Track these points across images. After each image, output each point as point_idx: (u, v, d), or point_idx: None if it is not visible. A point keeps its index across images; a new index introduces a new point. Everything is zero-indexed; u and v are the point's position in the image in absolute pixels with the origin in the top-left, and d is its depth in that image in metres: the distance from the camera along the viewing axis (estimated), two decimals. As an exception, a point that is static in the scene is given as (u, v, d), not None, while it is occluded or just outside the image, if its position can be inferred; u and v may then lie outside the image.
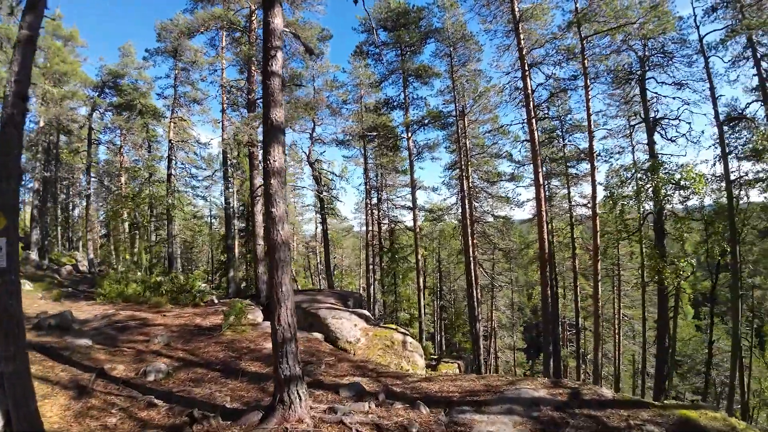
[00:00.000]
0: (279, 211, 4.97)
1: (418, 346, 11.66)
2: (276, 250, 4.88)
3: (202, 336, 10.87)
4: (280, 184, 5.05)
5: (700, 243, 14.88)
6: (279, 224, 4.93)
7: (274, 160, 5.08)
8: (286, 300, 4.93)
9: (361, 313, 12.83)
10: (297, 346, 5.08)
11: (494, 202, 23.81)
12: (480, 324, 22.25)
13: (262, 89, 5.48)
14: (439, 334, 37.98)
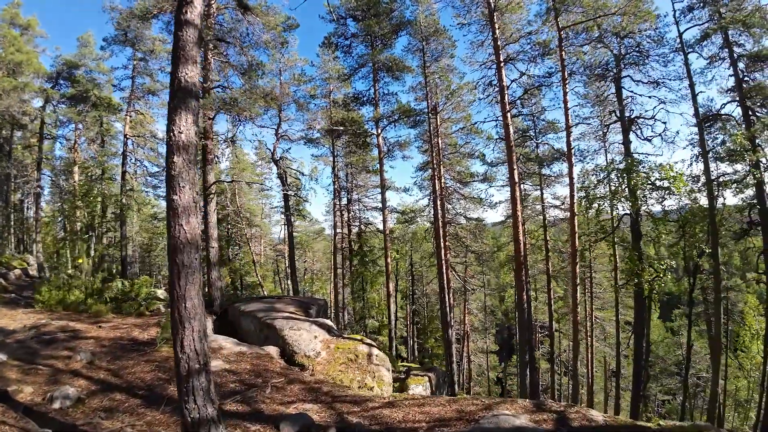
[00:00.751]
0: (184, 199, 3.72)
1: (384, 358, 10.50)
2: (178, 251, 3.63)
3: (134, 352, 9.38)
4: (187, 163, 3.81)
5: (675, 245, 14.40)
6: (183, 217, 3.68)
7: (180, 131, 3.84)
8: (192, 319, 3.69)
9: (323, 323, 11.57)
10: (210, 378, 3.84)
11: (467, 203, 23.08)
12: (452, 330, 21.37)
13: (172, 42, 4.21)
14: (412, 339, 37.03)
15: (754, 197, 14.66)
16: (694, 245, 13.39)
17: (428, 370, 11.85)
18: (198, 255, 3.69)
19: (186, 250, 3.65)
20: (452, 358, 19.40)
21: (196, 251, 3.69)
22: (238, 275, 29.83)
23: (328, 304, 39.20)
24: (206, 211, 15.30)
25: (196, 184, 3.84)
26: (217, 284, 14.90)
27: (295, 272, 20.95)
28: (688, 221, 13.43)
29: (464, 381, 37.87)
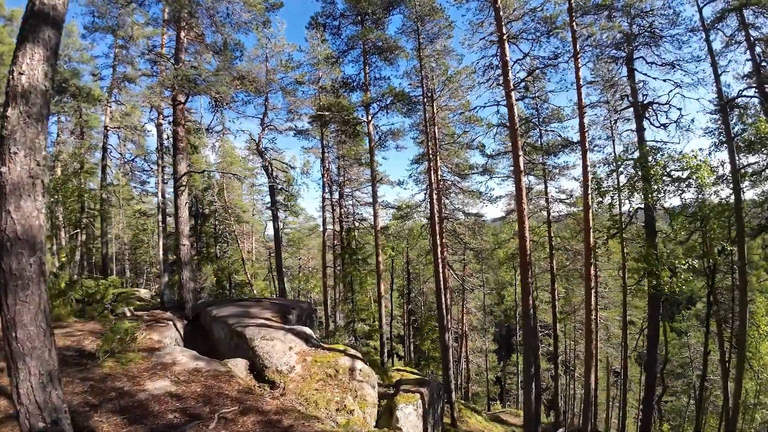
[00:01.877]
0: (14, 173, 2.36)
1: (370, 373, 9.17)
2: (3, 252, 2.26)
3: (74, 367, 8.03)
4: (26, 119, 2.46)
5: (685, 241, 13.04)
6: (11, 199, 2.32)
7: (21, 72, 2.50)
8: (27, 356, 2.35)
9: (301, 331, 10.23)
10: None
11: (465, 198, 21.71)
12: (449, 333, 20.07)
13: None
14: (409, 340, 35.82)
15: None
16: (714, 242, 12.07)
17: (421, 384, 10.52)
18: (38, 259, 2.34)
19: (14, 250, 2.29)
20: (449, 365, 18.10)
21: (33, 253, 2.34)
22: (225, 274, 28.44)
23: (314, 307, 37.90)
24: (176, 204, 13.92)
25: (40, 151, 2.48)
26: (189, 285, 13.54)
27: (282, 271, 19.57)
28: (707, 216, 12.10)
29: (462, 382, 36.66)
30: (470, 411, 20.53)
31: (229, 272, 29.35)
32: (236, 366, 9.13)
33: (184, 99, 14.62)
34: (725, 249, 11.65)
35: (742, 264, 9.84)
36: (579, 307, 31.89)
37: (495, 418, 21.45)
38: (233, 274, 30.19)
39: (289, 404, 7.95)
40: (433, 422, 10.77)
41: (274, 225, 19.70)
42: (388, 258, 30.76)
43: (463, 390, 36.53)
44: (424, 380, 10.78)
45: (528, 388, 10.22)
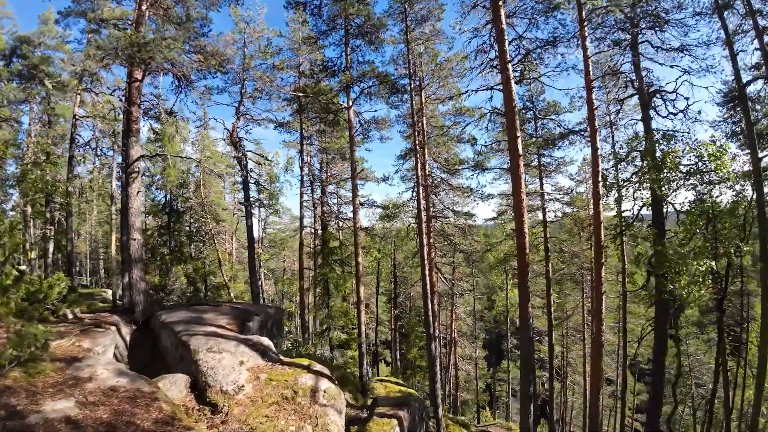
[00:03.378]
0: None
1: (336, 395, 7.61)
2: None
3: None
4: None
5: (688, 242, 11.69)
6: None
7: None
8: None
9: (257, 342, 8.64)
10: None
11: (455, 195, 20.32)
12: (437, 342, 18.59)
13: None
14: (395, 346, 34.24)
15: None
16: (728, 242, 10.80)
17: (400, 405, 9.00)
18: None
19: None
20: (436, 377, 16.55)
21: None
22: (200, 275, 26.58)
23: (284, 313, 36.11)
24: (127, 193, 12.25)
25: None
26: (139, 286, 11.84)
27: (256, 273, 17.93)
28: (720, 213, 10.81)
29: (451, 390, 35.14)
30: (458, 427, 19.03)
31: (205, 274, 27.51)
32: (174, 383, 7.56)
33: (140, 76, 13.02)
34: (740, 249, 10.37)
35: (765, 266, 8.57)
36: (573, 313, 30.68)
37: (485, 433, 19.97)
38: (209, 276, 28.36)
39: None
40: (414, 448, 9.25)
41: (248, 222, 18.05)
42: (373, 260, 29.21)
43: (451, 398, 35.00)
44: (405, 400, 9.26)
45: (525, 403, 8.80)
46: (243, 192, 18.64)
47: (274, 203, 32.43)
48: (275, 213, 34.05)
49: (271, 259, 41.06)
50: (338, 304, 14.46)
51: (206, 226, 28.97)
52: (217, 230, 31.03)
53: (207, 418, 6.90)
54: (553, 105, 16.84)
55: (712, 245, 11.36)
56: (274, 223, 37.58)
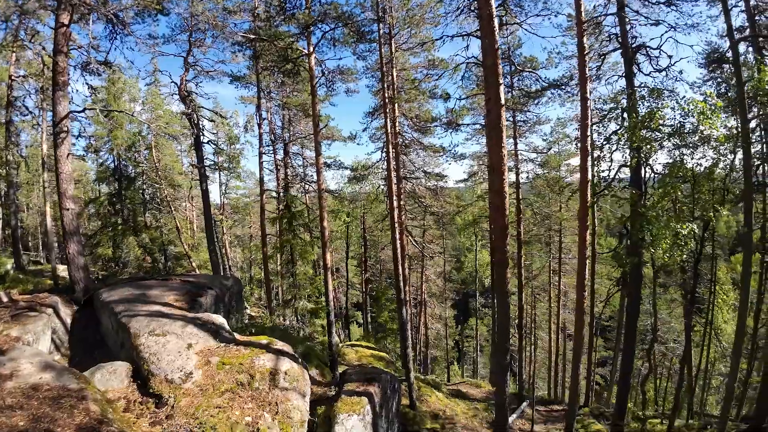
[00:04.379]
0: None
1: (299, 376, 6.87)
2: None
3: None
4: None
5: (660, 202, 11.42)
6: None
7: None
8: None
9: (208, 321, 7.67)
10: None
11: (427, 156, 19.42)
12: (408, 306, 18.25)
13: None
14: (367, 309, 34.17)
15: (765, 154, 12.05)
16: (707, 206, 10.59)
17: (370, 381, 8.40)
18: None
19: None
20: (407, 341, 16.27)
21: None
22: (158, 245, 24.88)
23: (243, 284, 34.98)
24: (56, 156, 10.58)
25: None
26: (78, 261, 10.46)
27: (214, 240, 16.65)
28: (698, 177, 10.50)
29: (421, 347, 35.91)
30: (430, 388, 19.14)
31: (163, 243, 25.80)
32: (113, 373, 6.55)
33: (66, 20, 10.97)
34: (719, 213, 10.17)
35: (749, 230, 8.32)
36: (540, 273, 31.34)
37: (456, 393, 20.29)
38: (168, 246, 26.65)
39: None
40: (387, 421, 8.80)
41: (202, 186, 16.52)
42: (342, 225, 28.33)
43: (422, 355, 35.83)
44: (376, 374, 8.68)
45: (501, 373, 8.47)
46: (195, 153, 16.91)
47: (235, 166, 30.47)
48: (237, 177, 32.14)
49: (236, 226, 39.35)
50: (304, 271, 13.60)
51: (161, 193, 26.92)
52: (173, 196, 28.97)
53: (150, 412, 5.99)
54: (531, 59, 15.88)
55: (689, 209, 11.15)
56: (237, 188, 35.55)
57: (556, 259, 27.29)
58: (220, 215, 30.88)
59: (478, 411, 18.34)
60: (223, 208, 32.15)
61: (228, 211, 34.75)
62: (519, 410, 18.09)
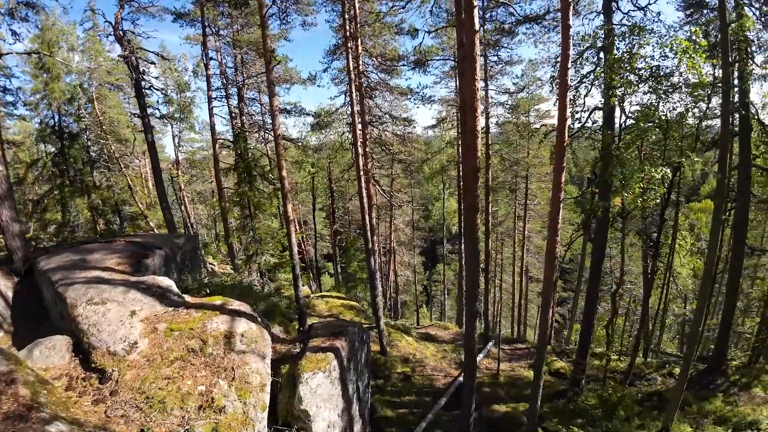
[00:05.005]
0: None
1: (258, 337, 6.39)
2: None
3: None
4: None
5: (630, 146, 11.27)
6: None
7: None
8: None
9: (153, 284, 6.92)
10: None
11: (394, 99, 18.33)
12: (376, 256, 18.04)
13: None
14: (337, 260, 34.03)
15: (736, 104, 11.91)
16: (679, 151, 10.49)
17: (337, 335, 8.09)
18: None
19: None
20: (377, 291, 16.26)
21: None
22: (110, 205, 22.98)
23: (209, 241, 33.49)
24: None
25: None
26: (13, 228, 9.19)
27: (166, 196, 15.38)
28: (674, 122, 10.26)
29: (391, 293, 36.76)
30: (400, 333, 19.55)
31: (116, 204, 23.91)
32: (52, 349, 5.91)
33: None
34: (690, 158, 10.08)
35: (723, 176, 8.21)
36: (505, 219, 31.88)
37: (425, 337, 20.87)
38: (122, 206, 24.79)
39: (118, 411, 5.00)
40: (356, 373, 8.67)
41: (147, 138, 14.90)
42: (307, 175, 27.21)
43: (392, 301, 36.77)
44: (341, 330, 8.37)
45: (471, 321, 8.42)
46: (137, 101, 15.08)
47: (187, 116, 28.01)
48: (191, 128, 29.71)
49: (195, 181, 37.14)
50: (264, 225, 12.82)
51: (108, 149, 24.57)
52: (122, 152, 26.59)
53: (93, 389, 5.39)
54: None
55: (660, 154, 11.03)
56: (192, 140, 32.96)
57: (522, 206, 27.70)
58: (176, 170, 28.81)
59: (447, 352, 19.02)
60: (177, 163, 29.93)
61: (184, 165, 32.49)
62: (485, 350, 18.86)
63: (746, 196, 12.18)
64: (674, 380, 13.87)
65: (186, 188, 33.25)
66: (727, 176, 8.64)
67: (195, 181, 37.34)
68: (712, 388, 12.73)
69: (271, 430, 6.14)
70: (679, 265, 15.44)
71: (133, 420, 4.90)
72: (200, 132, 31.68)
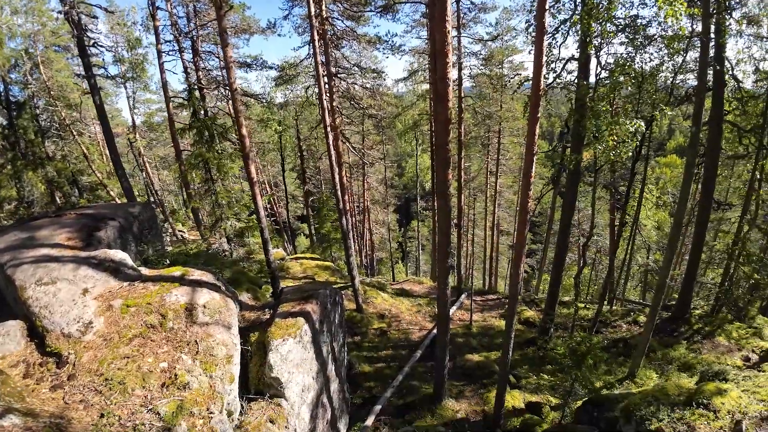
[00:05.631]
0: None
1: (222, 307, 6.10)
2: None
3: None
4: None
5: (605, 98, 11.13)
6: None
7: None
8: None
9: (104, 259, 6.41)
10: None
11: (362, 49, 17.24)
12: (348, 216, 17.75)
13: None
14: (310, 221, 33.64)
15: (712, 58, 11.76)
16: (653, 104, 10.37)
17: (307, 298, 7.91)
18: None
19: None
20: (350, 250, 16.11)
21: None
22: (66, 177, 21.28)
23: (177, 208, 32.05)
24: None
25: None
26: None
27: (121, 162, 14.33)
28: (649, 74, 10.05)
29: (367, 251, 37.00)
30: (375, 290, 19.73)
31: (73, 174, 22.23)
32: (7, 335, 5.53)
33: None
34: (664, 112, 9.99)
35: (697, 129, 8.14)
36: (477, 174, 31.99)
37: (400, 292, 21.21)
38: (79, 177, 23.12)
39: (76, 396, 4.70)
40: (330, 335, 8.62)
41: (95, 100, 13.53)
42: (274, 134, 25.97)
43: (368, 259, 37.08)
44: (313, 293, 8.19)
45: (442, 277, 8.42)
46: (81, 60, 13.56)
47: (140, 74, 25.78)
48: (145, 88, 27.47)
49: (156, 145, 34.92)
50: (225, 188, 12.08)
51: (59, 116, 22.51)
52: (73, 118, 24.46)
53: (51, 374, 5.04)
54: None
55: (633, 107, 10.90)
56: (149, 101, 30.56)
57: (494, 161, 27.70)
58: (133, 135, 26.88)
59: (422, 306, 19.46)
60: (134, 126, 27.88)
61: (142, 129, 30.31)
62: (458, 302, 19.40)
63: (716, 151, 12.40)
64: (639, 327, 14.71)
65: (146, 153, 31.32)
66: (700, 130, 8.62)
67: (156, 146, 35.18)
68: (676, 335, 13.48)
69: (244, 400, 6.02)
70: (645, 217, 15.92)
71: (93, 404, 4.62)
72: (157, 92, 29.40)
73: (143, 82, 26.75)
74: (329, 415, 8.27)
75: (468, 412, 11.03)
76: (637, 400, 7.12)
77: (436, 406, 10.95)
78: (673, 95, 11.80)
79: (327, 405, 8.17)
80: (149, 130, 31.31)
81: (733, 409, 6.37)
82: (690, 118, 10.91)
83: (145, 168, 28.44)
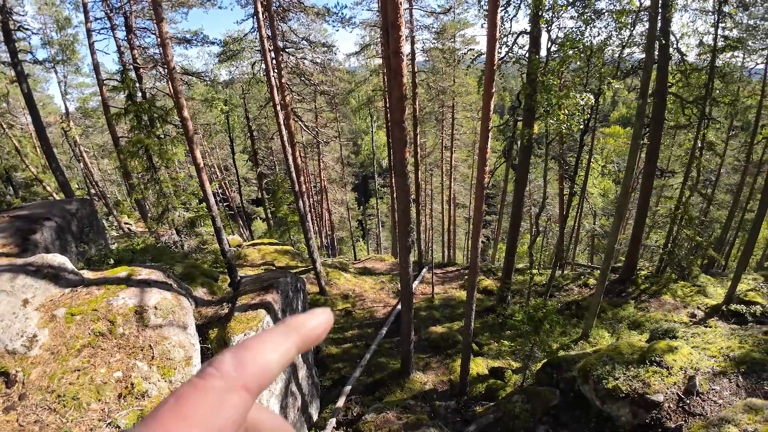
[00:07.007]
0: None
1: (174, 306, 5.75)
2: None
3: None
4: None
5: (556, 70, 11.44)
6: None
7: None
8: None
9: (43, 265, 5.79)
10: None
11: (311, 21, 16.40)
12: (305, 198, 17.33)
13: None
14: (266, 206, 32.62)
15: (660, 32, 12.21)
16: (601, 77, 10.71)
17: (267, 288, 7.66)
18: None
19: None
20: (309, 233, 15.80)
21: None
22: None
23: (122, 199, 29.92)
24: None
25: None
26: None
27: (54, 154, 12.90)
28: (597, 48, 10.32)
29: (328, 231, 36.65)
30: (338, 271, 19.64)
31: (6, 170, 19.92)
32: None
33: None
34: (611, 84, 10.36)
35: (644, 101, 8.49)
36: (433, 150, 32.21)
37: (363, 271, 21.27)
38: (12, 172, 20.80)
39: (30, 417, 4.29)
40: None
41: (22, 88, 11.99)
42: (221, 114, 24.57)
43: (329, 239, 36.75)
44: (273, 280, 7.95)
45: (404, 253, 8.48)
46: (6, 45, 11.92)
47: (71, 56, 23.23)
48: (77, 71, 24.81)
49: (93, 133, 31.91)
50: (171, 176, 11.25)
51: None
52: (1, 110, 21.76)
53: (2, 395, 4.56)
54: None
55: (581, 81, 11.19)
56: (83, 85, 27.66)
57: (449, 136, 27.95)
58: (66, 123, 24.38)
59: (385, 283, 19.66)
60: (68, 114, 25.25)
61: (77, 116, 27.51)
62: (420, 276, 19.79)
63: (660, 121, 13.11)
64: (589, 290, 15.67)
65: (83, 142, 28.62)
66: (647, 102, 9.03)
67: (93, 133, 32.22)
68: (624, 296, 14.37)
69: (209, 399, 5.79)
70: (592, 185, 16.79)
71: (48, 424, 4.25)
72: (90, 74, 26.67)
73: (74, 65, 24.25)
74: (300, 402, 8.22)
75: (435, 383, 11.42)
76: (593, 360, 7.59)
77: (405, 380, 11.24)
78: (620, 69, 12.27)
79: (296, 393, 8.10)
80: (84, 116, 28.53)
81: (686, 365, 6.81)
82: (633, 91, 11.42)
83: (82, 158, 26.03)
